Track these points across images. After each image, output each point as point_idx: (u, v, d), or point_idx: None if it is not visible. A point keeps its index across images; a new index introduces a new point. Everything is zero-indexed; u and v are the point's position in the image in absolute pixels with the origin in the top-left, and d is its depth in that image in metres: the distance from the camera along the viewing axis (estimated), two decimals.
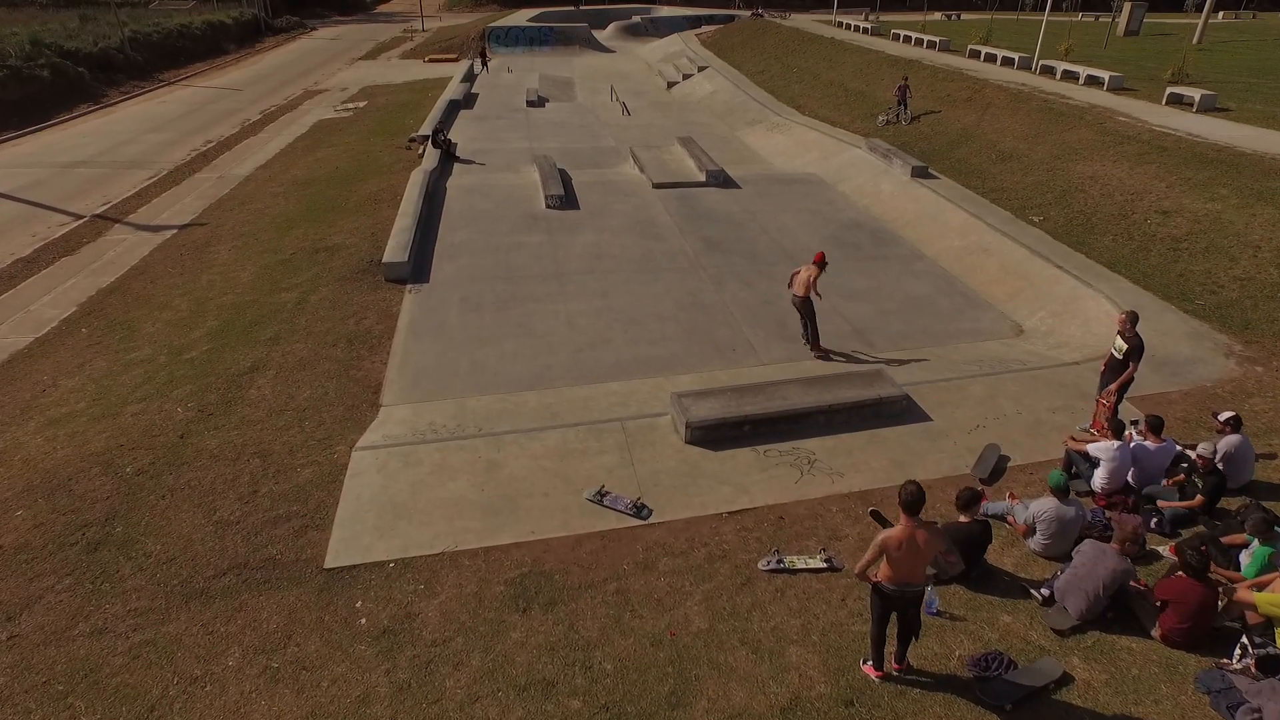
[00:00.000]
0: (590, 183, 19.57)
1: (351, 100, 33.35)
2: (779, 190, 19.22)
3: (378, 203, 18.40)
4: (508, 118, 28.21)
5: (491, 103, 31.02)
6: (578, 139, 25.23)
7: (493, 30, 46.51)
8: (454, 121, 27.28)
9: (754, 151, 24.07)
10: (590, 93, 34.74)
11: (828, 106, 26.32)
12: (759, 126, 26.14)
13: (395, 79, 38.77)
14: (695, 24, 53.80)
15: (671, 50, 43.69)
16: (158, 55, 41.72)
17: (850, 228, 16.85)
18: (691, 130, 26.77)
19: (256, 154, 24.90)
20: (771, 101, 28.50)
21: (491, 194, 18.63)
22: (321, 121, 29.18)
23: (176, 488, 7.97)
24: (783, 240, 16.04)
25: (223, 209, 19.40)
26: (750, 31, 42.00)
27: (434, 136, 22.33)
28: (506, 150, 23.60)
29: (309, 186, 20.51)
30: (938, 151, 20.15)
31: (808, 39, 35.97)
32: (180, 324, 12.87)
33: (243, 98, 35.14)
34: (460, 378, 10.76)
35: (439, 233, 16.09)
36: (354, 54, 49.14)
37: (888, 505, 7.19)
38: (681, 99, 33.55)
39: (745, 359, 11.43)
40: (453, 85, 32.45)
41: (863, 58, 30.05)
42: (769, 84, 31.25)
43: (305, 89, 37.13)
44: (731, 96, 30.71)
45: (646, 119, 28.89)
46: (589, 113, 29.58)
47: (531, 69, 40.46)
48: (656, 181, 19.13)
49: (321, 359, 11.32)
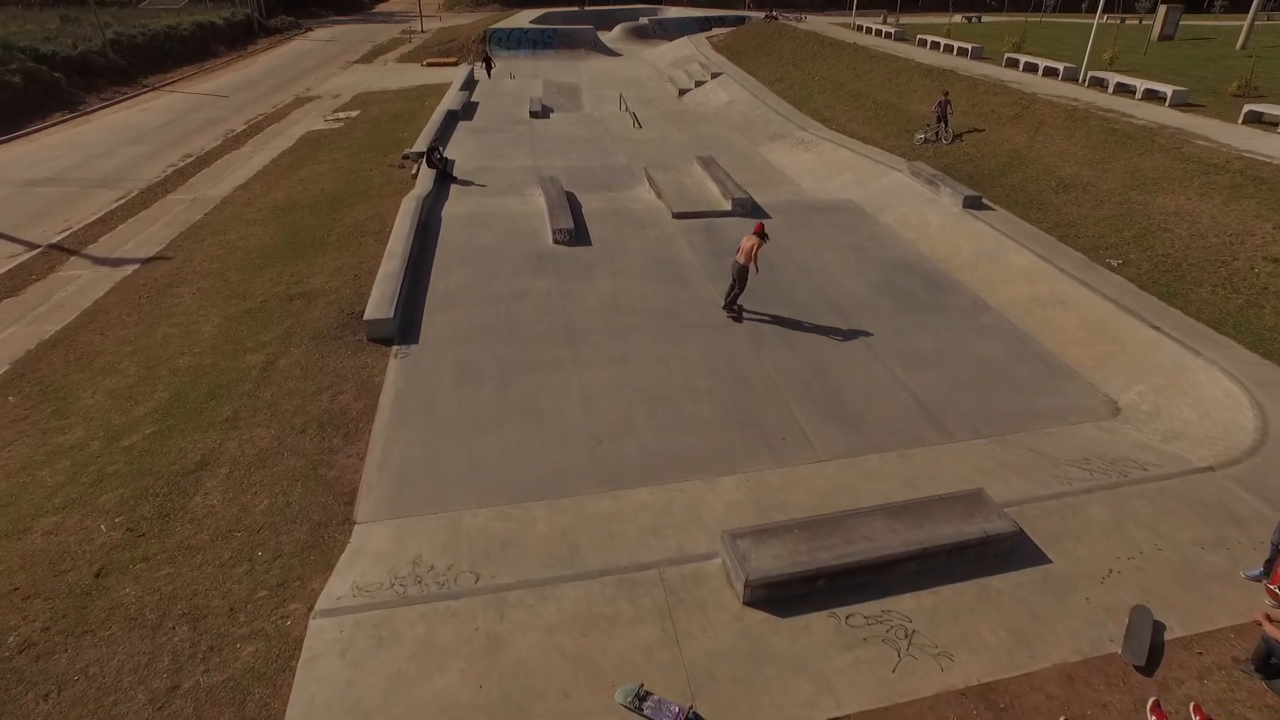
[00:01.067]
0: (602, 211, 17.58)
1: (343, 109, 31.34)
2: (815, 221, 17.21)
3: (364, 235, 16.42)
4: (510, 130, 26.20)
5: (492, 113, 29.02)
6: (586, 156, 23.23)
7: (494, 32, 44.47)
8: (452, 135, 25.28)
9: (780, 171, 22.07)
10: (598, 101, 32.73)
11: (857, 120, 24.30)
12: (783, 142, 24.13)
13: (391, 85, 36.76)
14: (704, 26, 51.76)
15: (682, 54, 41.65)
16: (142, 58, 39.69)
17: (900, 269, 14.86)
18: (709, 145, 24.78)
19: (237, 171, 22.90)
20: (794, 114, 26.48)
21: (492, 225, 16.64)
22: (310, 134, 27.17)
23: (67, 679, 5.98)
24: (825, 286, 14.05)
25: (193, 239, 17.41)
26: (764, 35, 39.95)
27: (429, 155, 20.34)
28: (509, 169, 21.61)
29: (289, 213, 18.52)
30: (987, 176, 18.14)
31: (828, 44, 33.93)
32: (125, 394, 10.90)
33: (229, 105, 33.13)
34: (453, 480, 8.80)
35: (432, 275, 14.10)
36: (349, 57, 47.12)
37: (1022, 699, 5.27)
38: (695, 108, 31.53)
39: (798, 451, 9.46)
40: (451, 93, 30.44)
41: (890, 66, 28.02)
42: (790, 94, 29.22)
43: (296, 95, 35.12)
44: (750, 107, 28.68)
45: (660, 131, 26.88)
46: (597, 124, 27.57)
47: (535, 74, 38.44)
48: (677, 210, 17.13)
49: (286, 450, 9.35)
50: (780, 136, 24.68)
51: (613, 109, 30.82)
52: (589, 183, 20.27)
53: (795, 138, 23.95)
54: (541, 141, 24.75)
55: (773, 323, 12.67)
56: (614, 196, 19.04)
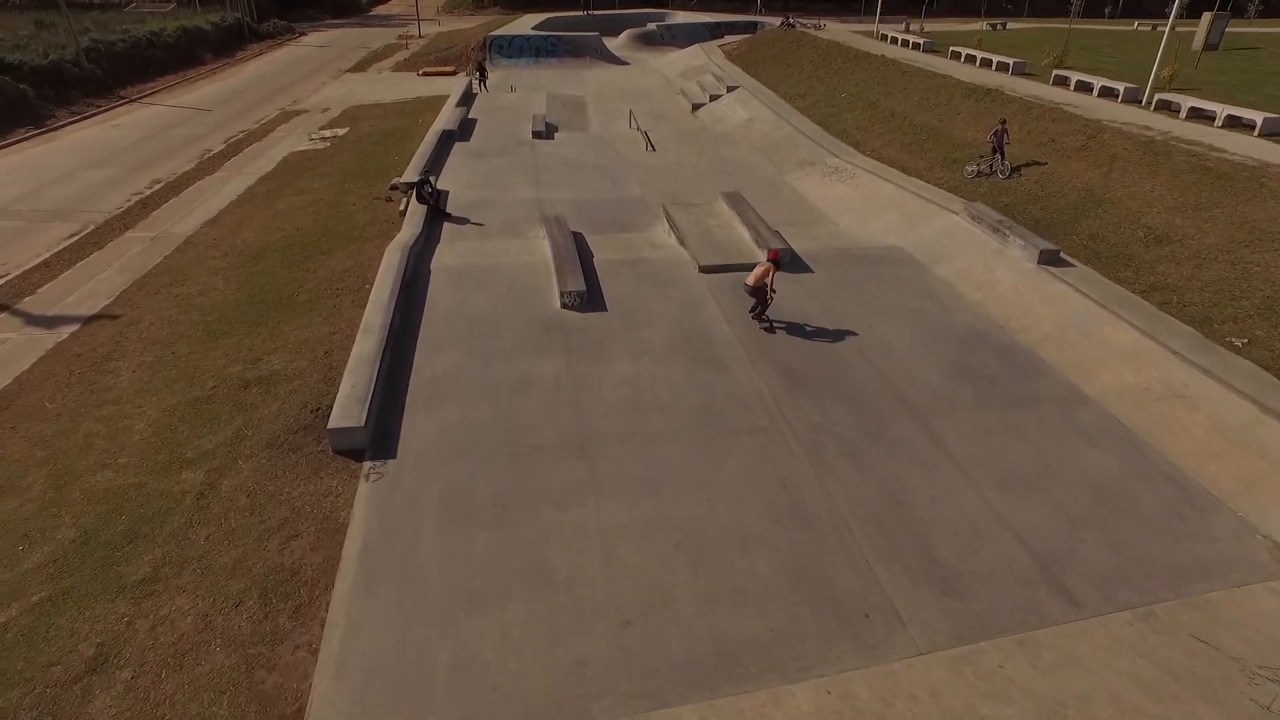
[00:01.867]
0: (617, 262, 15.27)
1: (331, 125, 29.03)
2: (861, 276, 14.91)
3: (340, 293, 14.13)
4: (511, 154, 23.89)
5: (492, 132, 26.69)
6: (596, 185, 20.93)
7: (494, 40, 42.14)
8: (446, 159, 22.98)
9: (813, 206, 19.75)
10: (605, 116, 30.41)
11: (895, 146, 21.98)
12: (813, 170, 21.81)
13: (384, 97, 34.46)
14: (715, 32, 49.44)
15: (693, 64, 39.32)
16: (121, 67, 37.38)
17: (972, 343, 12.56)
18: (729, 170, 22.49)
19: (208, 201, 20.60)
20: (823, 136, 24.15)
21: (489, 280, 14.35)
22: (292, 156, 24.86)
23: None
24: (888, 368, 11.75)
25: (146, 291, 15.12)
26: (782, 44, 37.61)
27: (419, 188, 18.04)
28: (509, 203, 19.31)
29: (258, 260, 16.21)
30: (1058, 222, 15.83)
31: (853, 57, 31.60)
32: (19, 529, 8.59)
33: (210, 120, 30.82)
34: (437, 694, 6.51)
35: (416, 353, 11.79)
36: (342, 65, 44.80)
37: None
38: (711, 125, 29.21)
39: (889, 636, 7.18)
40: (447, 110, 28.11)
41: (926, 83, 25.69)
42: (815, 112, 26.89)
43: (282, 109, 32.82)
44: (773, 127, 26.35)
45: (675, 155, 24.56)
46: (606, 146, 25.25)
47: (537, 85, 36.13)
48: (705, 264, 14.81)
49: (215, 637, 7.07)
50: (809, 163, 22.36)
51: (622, 126, 28.50)
52: (600, 221, 17.97)
53: (827, 165, 21.63)
54: (545, 167, 22.44)
55: (831, 424, 10.36)
56: (629, 240, 16.73)
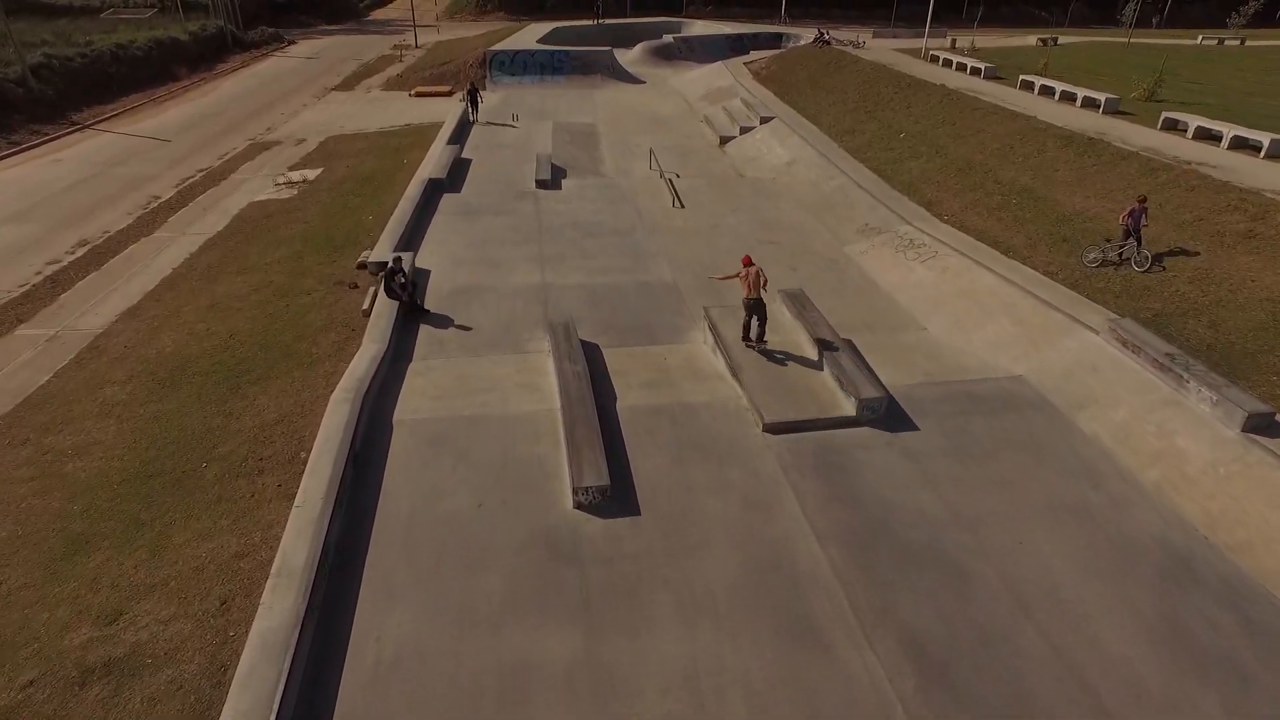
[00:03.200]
0: (648, 411, 11.19)
1: (303, 164, 24.99)
2: (985, 435, 10.81)
3: (262, 469, 10.10)
4: (509, 211, 19.86)
5: (488, 178, 22.64)
6: (614, 262, 16.88)
7: (495, 56, 38.02)
8: (430, 220, 18.96)
9: (890, 298, 15.65)
10: (621, 153, 26.31)
11: (979, 211, 17.87)
12: (881, 241, 17.72)
13: (369, 124, 30.44)
14: (737, 46, 45.26)
15: (716, 84, 35.20)
16: (79, 87, 33.44)
17: (1175, 577, 8.47)
18: (778, 237, 18.42)
19: (134, 279, 16.61)
20: (886, 191, 20.05)
21: (473, 449, 10.30)
22: (250, 208, 20.84)
23: None
24: (1064, 636, 7.67)
25: (3, 443, 11.13)
26: (817, 65, 33.47)
27: (388, 279, 14.04)
28: (505, 290, 15.30)
29: (171, 389, 12.19)
30: (1239, 350, 11.74)
31: (906, 85, 27.45)
32: None
33: (167, 153, 26.83)
34: None
35: (358, 609, 7.76)
36: (329, 80, 40.76)
37: None
38: (744, 165, 25.10)
39: None
40: (436, 150, 24.05)
41: (1006, 125, 21.57)
42: (870, 156, 22.78)
43: (252, 139, 28.81)
44: (822, 174, 22.24)
45: (708, 212, 20.47)
46: (624, 200, 21.18)
47: (543, 110, 32.05)
48: (772, 420, 10.69)
49: None
50: (875, 230, 18.25)
51: (641, 167, 24.44)
52: (622, 323, 13.94)
53: (899, 235, 17.54)
54: (551, 233, 18.39)
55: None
56: (662, 361, 12.69)
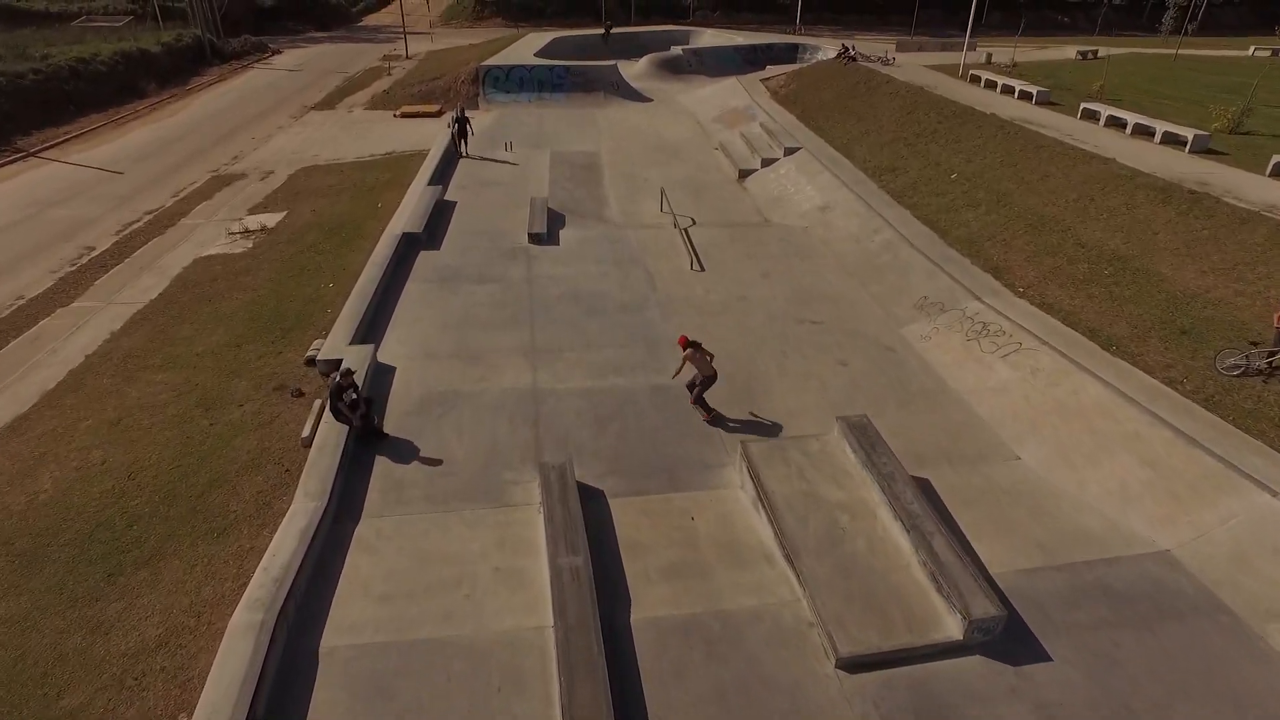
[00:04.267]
0: (674, 627, 8.03)
1: (265, 205, 21.87)
2: (1147, 676, 7.60)
3: None
4: (496, 277, 16.73)
5: (473, 229, 19.51)
6: (622, 356, 13.74)
7: (489, 72, 34.87)
8: (402, 290, 15.85)
9: (966, 406, 12.46)
10: (628, 191, 23.16)
11: (1063, 283, 14.68)
12: (946, 321, 14.54)
13: (346, 152, 27.32)
14: (751, 59, 42.09)
15: (731, 104, 32.05)
16: (29, 107, 30.39)
17: None
18: (821, 314, 15.27)
19: (35, 372, 13.50)
20: (942, 251, 16.88)
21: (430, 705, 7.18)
22: (194, 267, 17.71)
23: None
24: None
25: None
26: (844, 85, 30.30)
27: (334, 397, 10.91)
28: (484, 401, 12.18)
29: (19, 581, 9.04)
30: None
31: (951, 112, 24.26)
32: None
33: (116, 190, 23.74)
34: None
35: None
36: (310, 97, 37.65)
37: None
38: (767, 205, 21.94)
39: None
40: (415, 194, 20.88)
41: (1080, 170, 18.39)
42: (918, 201, 19.61)
43: (216, 169, 25.71)
44: (863, 226, 19.06)
45: (733, 279, 17.24)
46: (632, 261, 18.01)
47: (540, 136, 28.92)
48: (849, 652, 7.50)
49: None
50: (937, 306, 15.07)
51: (650, 208, 21.31)
52: (633, 456, 10.80)
53: (967, 316, 14.36)
54: (546, 310, 15.26)
55: None
56: (687, 524, 9.53)
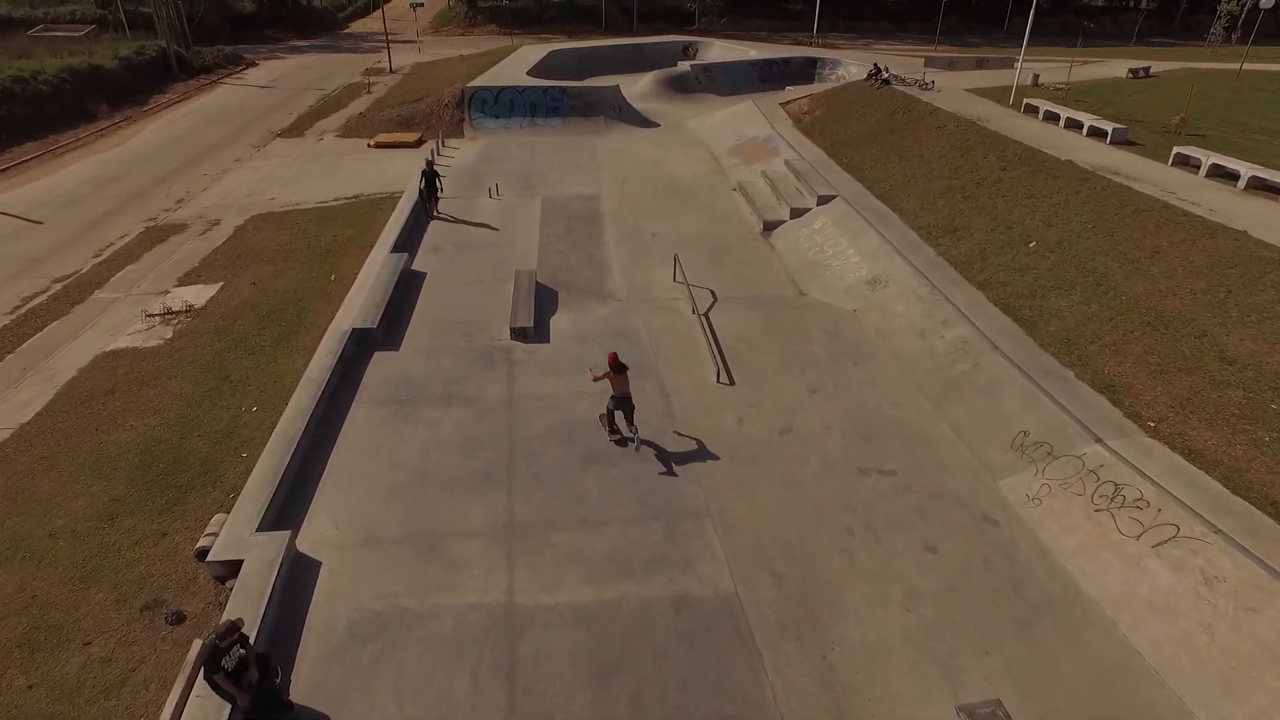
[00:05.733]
0: None
1: (200, 271, 18.19)
2: None
3: None
4: (466, 398, 13.06)
5: (442, 318, 15.82)
6: (632, 542, 10.07)
7: (476, 94, 31.14)
8: (342, 422, 12.19)
9: (1112, 630, 8.79)
10: (634, 255, 19.46)
11: (1209, 414, 10.97)
12: (1057, 473, 10.85)
13: (308, 194, 23.65)
14: (766, 74, 38.39)
15: (749, 134, 28.35)
16: None
17: None
18: (885, 452, 11.60)
19: None
20: (1034, 356, 13.20)
21: None
22: (90, 371, 14.04)
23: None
24: None
25: None
26: (879, 114, 26.60)
27: (208, 666, 7.25)
28: (437, 634, 8.54)
29: None
30: None
31: (1014, 156, 20.53)
32: None
33: (29, 246, 20.07)
34: None
35: None
36: (278, 120, 33.95)
37: None
38: (802, 273, 18.25)
39: None
40: (375, 265, 17.14)
41: (1201, 246, 14.69)
42: (990, 278, 15.92)
43: (154, 217, 22.05)
44: (928, 314, 15.34)
45: (773, 401, 13.50)
46: (643, 370, 14.23)
47: (530, 174, 25.24)
48: None
49: None
50: (1041, 450, 11.37)
51: (661, 280, 17.66)
52: None
53: (1088, 468, 10.66)
54: (530, 458, 11.58)
55: None
56: None
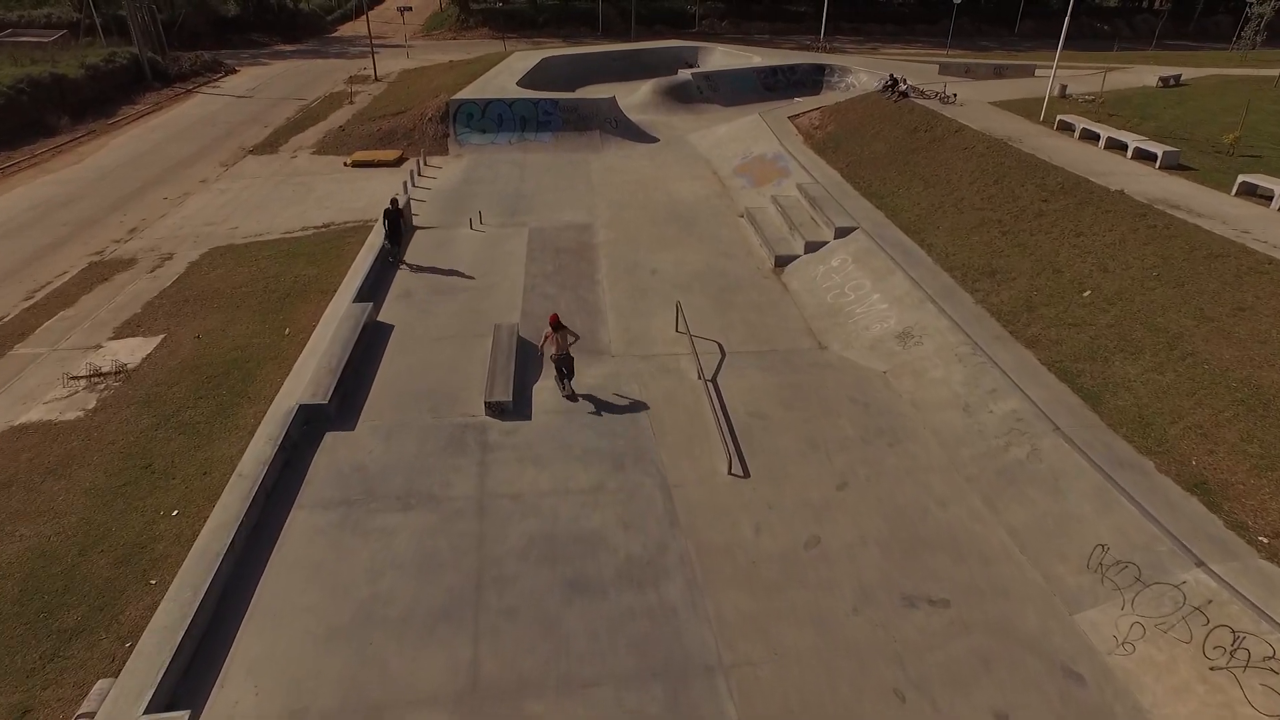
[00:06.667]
0: None
1: (138, 322, 16.04)
2: None
3: None
4: (427, 496, 10.91)
5: (405, 392, 13.64)
6: (625, 699, 7.96)
7: (462, 107, 28.97)
8: (279, 530, 10.05)
9: None
10: (631, 298, 17.33)
11: None
12: (1147, 606, 8.72)
13: (273, 224, 21.52)
14: (771, 83, 36.23)
15: (756, 151, 26.22)
16: None
17: None
18: (931, 573, 9.47)
19: None
20: (1103, 439, 11.08)
21: None
22: None
23: None
24: None
25: None
26: (899, 131, 24.46)
27: None
28: None
29: None
30: None
31: (1056, 185, 18.38)
32: None
33: None
34: None
35: None
36: (253, 134, 31.79)
37: None
38: (821, 321, 16.13)
39: None
40: (332, 325, 14.97)
41: None
42: (1039, 335, 13.79)
43: (100, 251, 19.91)
44: (969, 380, 13.18)
45: (794, 497, 11.39)
46: (638, 461, 12.04)
47: (518, 198, 23.10)
48: None
49: None
50: (1127, 573, 9.23)
51: (662, 328, 15.54)
52: None
53: (1190, 604, 8.55)
54: (502, 584, 9.43)
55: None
56: None
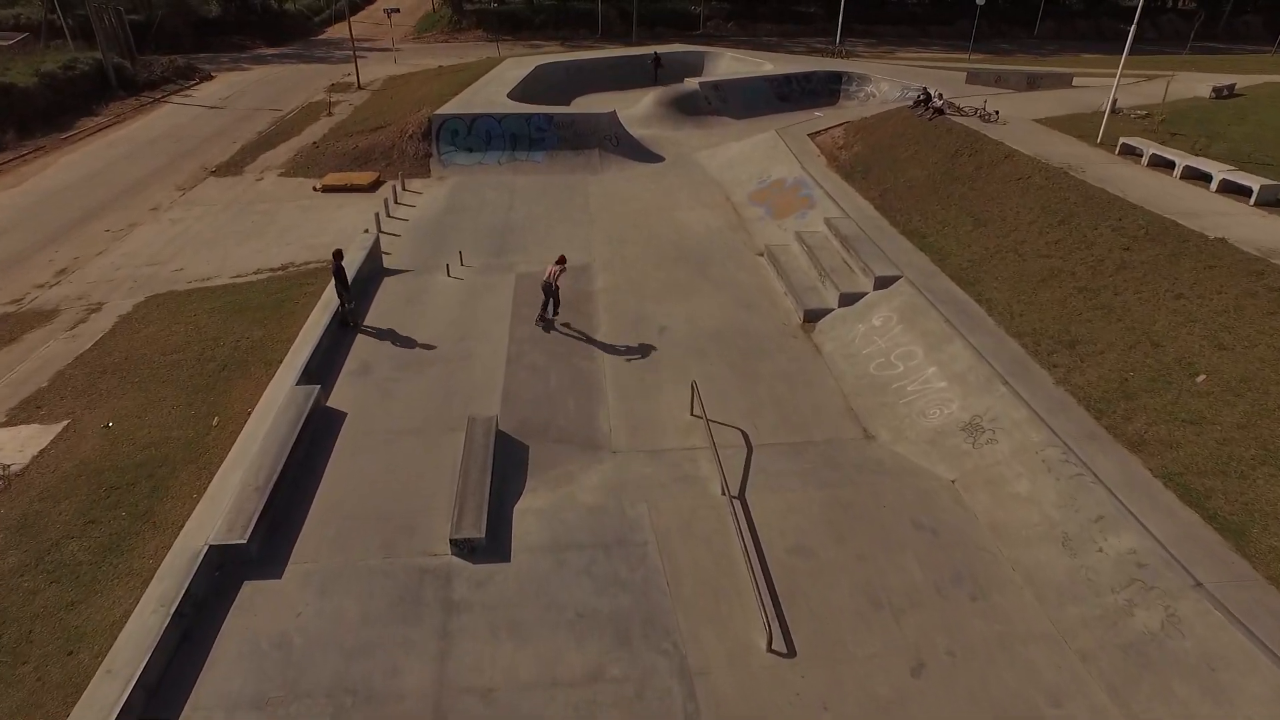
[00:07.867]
0: None
1: (38, 401, 13.23)
2: None
3: None
4: (367, 691, 8.09)
5: (350, 516, 10.69)
6: None
7: (446, 124, 26.12)
8: None
9: None
10: (635, 369, 14.53)
11: None
12: None
13: (224, 264, 18.70)
14: (785, 93, 33.36)
15: (774, 175, 23.41)
16: None
17: None
18: None
19: None
20: (1269, 600, 8.30)
21: None
22: None
23: None
24: None
25: None
26: (938, 155, 21.64)
27: None
28: None
29: None
30: None
31: (1136, 230, 15.55)
32: None
33: None
34: None
35: None
36: (218, 150, 28.94)
37: None
38: (862, 399, 13.31)
39: None
40: (267, 420, 12.14)
41: None
42: (1145, 433, 10.98)
43: (17, 299, 17.12)
44: (1065, 499, 10.37)
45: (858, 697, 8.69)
46: (649, 632, 8.96)
47: (506, 232, 20.30)
48: None
49: None
50: None
51: (673, 411, 12.73)
52: None
53: None
54: None
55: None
56: None
